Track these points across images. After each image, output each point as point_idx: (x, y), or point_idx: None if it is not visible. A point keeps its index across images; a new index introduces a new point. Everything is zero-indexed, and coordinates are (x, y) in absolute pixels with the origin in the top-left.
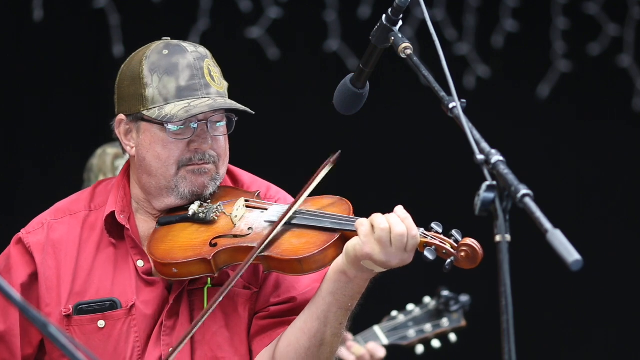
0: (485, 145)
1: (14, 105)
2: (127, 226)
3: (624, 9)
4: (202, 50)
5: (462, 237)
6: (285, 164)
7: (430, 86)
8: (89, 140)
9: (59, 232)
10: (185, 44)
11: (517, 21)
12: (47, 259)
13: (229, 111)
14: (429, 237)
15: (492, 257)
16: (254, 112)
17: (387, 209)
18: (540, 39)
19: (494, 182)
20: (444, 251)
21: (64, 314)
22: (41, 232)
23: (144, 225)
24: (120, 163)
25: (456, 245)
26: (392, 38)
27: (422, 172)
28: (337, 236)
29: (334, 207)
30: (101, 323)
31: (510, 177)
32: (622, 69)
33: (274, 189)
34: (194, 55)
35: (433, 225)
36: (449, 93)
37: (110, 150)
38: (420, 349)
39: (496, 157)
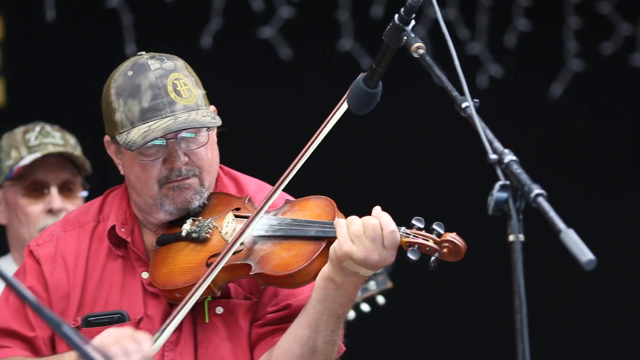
0: (498, 144)
1: (27, 106)
2: (129, 239)
3: (636, 9)
4: (170, 64)
5: (444, 231)
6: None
7: (443, 86)
8: (101, 141)
9: (68, 243)
10: (151, 61)
11: (530, 20)
12: (57, 270)
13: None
14: (411, 236)
15: (505, 257)
16: (208, 127)
17: (398, 208)
18: (552, 38)
19: (507, 182)
20: (427, 248)
21: (72, 325)
22: (50, 244)
23: (149, 236)
24: (32, 136)
25: (439, 240)
26: (405, 37)
27: (435, 171)
28: (323, 245)
29: (319, 209)
30: None
31: (524, 176)
32: (635, 68)
33: (265, 190)
34: (156, 73)
35: (414, 221)
36: (462, 92)
37: (18, 129)
38: (351, 314)
39: (509, 156)
